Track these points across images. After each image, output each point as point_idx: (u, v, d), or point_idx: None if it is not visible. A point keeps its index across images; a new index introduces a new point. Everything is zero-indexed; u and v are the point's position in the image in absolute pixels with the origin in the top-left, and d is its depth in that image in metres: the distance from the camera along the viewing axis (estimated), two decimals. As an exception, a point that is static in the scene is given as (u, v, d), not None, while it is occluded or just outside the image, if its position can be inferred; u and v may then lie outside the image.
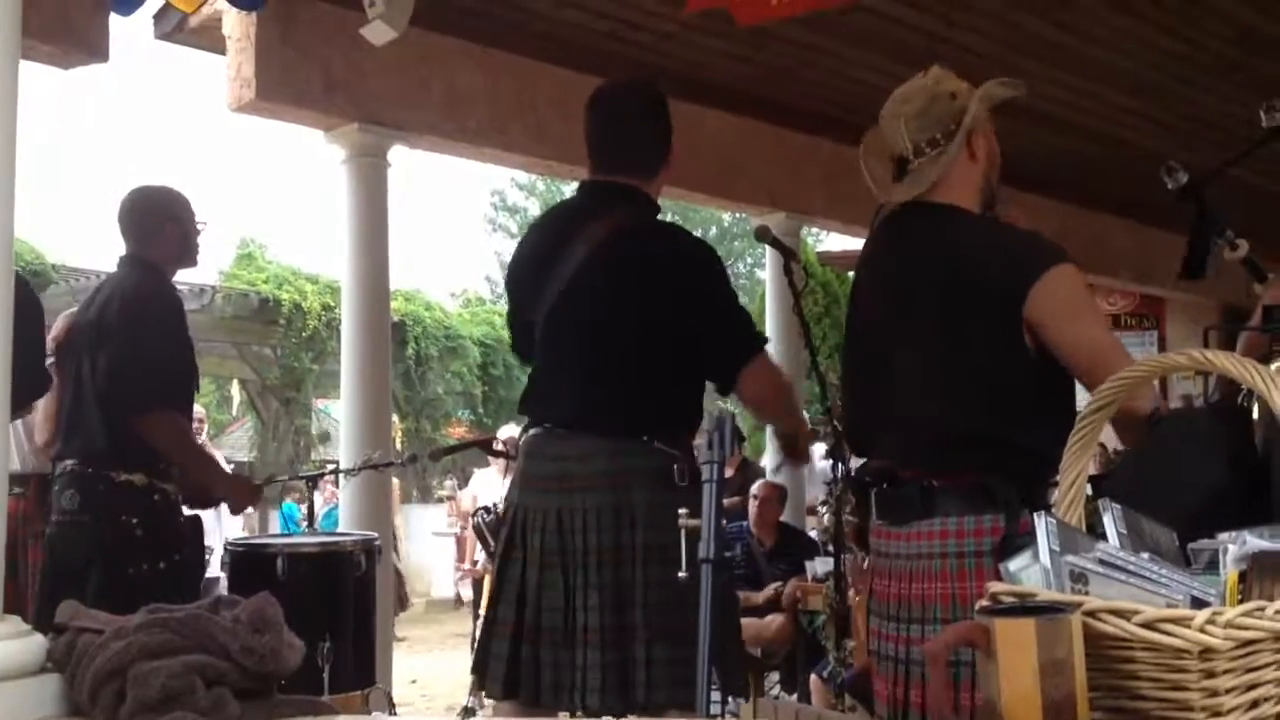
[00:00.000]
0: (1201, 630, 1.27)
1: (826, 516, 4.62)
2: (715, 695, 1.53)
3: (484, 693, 2.97)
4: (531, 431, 2.95)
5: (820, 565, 6.20)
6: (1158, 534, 1.59)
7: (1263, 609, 1.30)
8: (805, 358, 3.76)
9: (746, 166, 7.44)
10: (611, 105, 3.11)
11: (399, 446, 11.08)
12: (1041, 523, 1.48)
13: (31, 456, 4.38)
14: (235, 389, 18.38)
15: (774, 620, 6.27)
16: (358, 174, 6.02)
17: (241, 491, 4.17)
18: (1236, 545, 1.38)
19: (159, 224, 3.95)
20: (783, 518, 7.12)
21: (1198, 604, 1.34)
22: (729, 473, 8.72)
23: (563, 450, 2.86)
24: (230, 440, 21.91)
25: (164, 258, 4.03)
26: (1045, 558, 1.47)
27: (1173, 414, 2.00)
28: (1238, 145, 7.66)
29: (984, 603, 1.46)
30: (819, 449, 5.01)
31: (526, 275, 3.05)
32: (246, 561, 3.88)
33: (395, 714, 4.88)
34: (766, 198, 7.67)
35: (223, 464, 4.20)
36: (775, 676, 6.79)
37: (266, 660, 1.44)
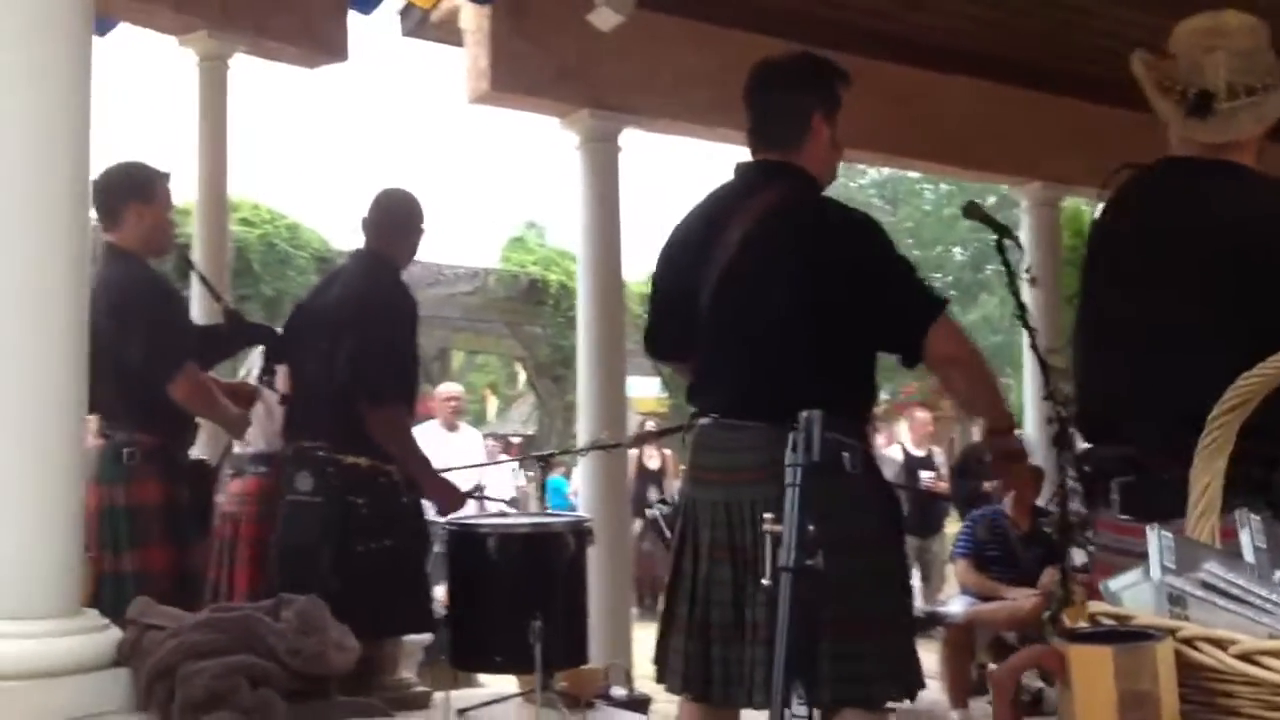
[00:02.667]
0: (1305, 666, 1.11)
1: (1053, 507, 4.34)
2: (801, 710, 1.45)
3: (664, 685, 2.95)
4: (699, 422, 2.90)
5: (1080, 556, 5.88)
6: (1309, 549, 1.41)
7: (1385, 644, 1.13)
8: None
9: (997, 134, 7.09)
10: (756, 82, 3.02)
11: (651, 425, 11.22)
12: (1154, 536, 1.33)
13: (277, 438, 4.65)
14: (519, 366, 19.13)
15: (1027, 600, 5.97)
16: (590, 158, 6.11)
17: (448, 497, 4.32)
18: (1361, 569, 1.20)
19: (410, 226, 4.16)
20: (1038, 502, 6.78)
21: (1307, 636, 1.17)
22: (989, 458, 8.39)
23: (728, 441, 2.79)
24: (516, 414, 22.84)
25: (402, 255, 4.23)
26: (1156, 575, 1.32)
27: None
28: None
29: (1081, 624, 1.33)
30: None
31: (683, 262, 2.99)
32: (461, 541, 3.98)
33: (633, 689, 4.96)
34: (1021, 166, 7.31)
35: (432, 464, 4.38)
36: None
37: (311, 662, 1.46)
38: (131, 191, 3.92)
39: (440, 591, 4.37)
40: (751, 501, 2.68)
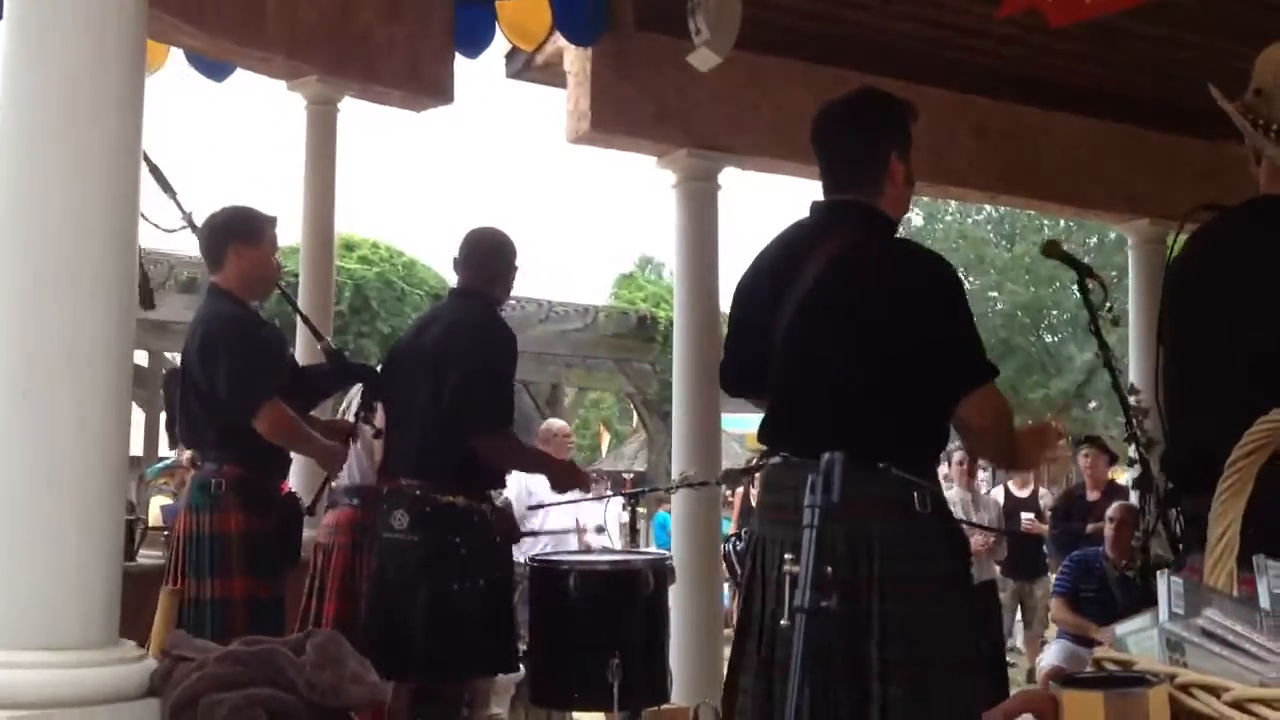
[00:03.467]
0: (1293, 716, 1.10)
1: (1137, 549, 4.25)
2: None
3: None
4: (770, 461, 2.92)
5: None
6: (1330, 597, 1.38)
7: (1379, 696, 1.11)
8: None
9: (1103, 171, 6.99)
10: (827, 123, 3.02)
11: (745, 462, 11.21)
12: (1164, 582, 1.33)
13: (371, 472, 4.78)
14: (631, 403, 19.25)
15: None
16: (688, 197, 6.17)
17: (567, 473, 4.46)
18: (1358, 619, 1.19)
19: (505, 264, 4.29)
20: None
21: (1300, 685, 1.16)
22: (1095, 496, 8.22)
23: (798, 479, 2.80)
24: (628, 450, 22.98)
25: (500, 291, 4.35)
26: (1163, 621, 1.32)
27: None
28: None
29: (1088, 670, 1.33)
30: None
31: (757, 299, 3.01)
32: (543, 578, 4.05)
33: (715, 728, 4.95)
34: (1126, 204, 7.18)
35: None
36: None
37: (328, 695, 1.51)
38: (233, 234, 4.06)
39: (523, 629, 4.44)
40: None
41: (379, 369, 4.60)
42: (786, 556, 1.71)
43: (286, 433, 3.94)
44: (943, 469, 7.55)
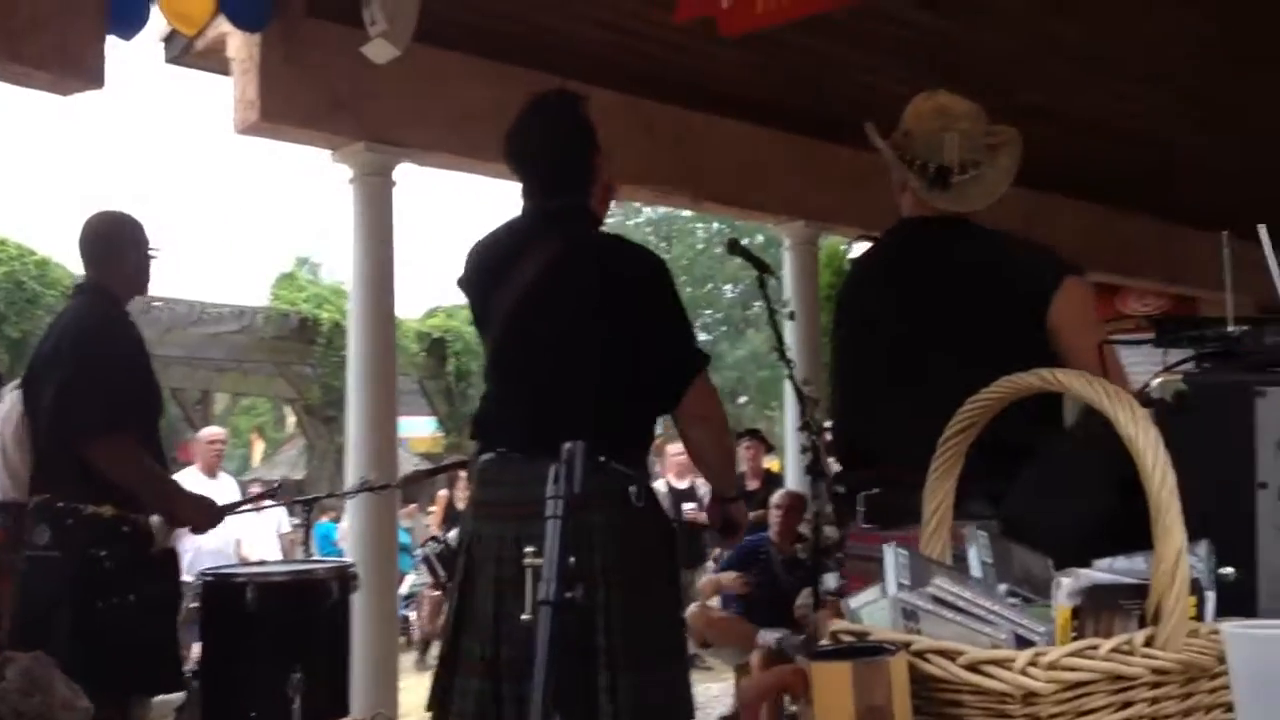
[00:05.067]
0: (1023, 672, 1.18)
1: (807, 532, 4.51)
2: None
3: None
4: (484, 457, 2.89)
5: (832, 580, 6.09)
6: (1030, 562, 1.49)
7: (1095, 648, 1.21)
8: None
9: (763, 175, 7.34)
10: (526, 133, 3.03)
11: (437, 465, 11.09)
12: (891, 554, 1.40)
13: (13, 488, 4.36)
14: (288, 409, 18.60)
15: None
16: (364, 193, 6.00)
17: (202, 513, 4.05)
18: (1071, 578, 1.29)
19: (120, 250, 3.93)
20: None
21: (1025, 643, 1.25)
22: (755, 486, 8.63)
23: (521, 475, 2.79)
24: (284, 458, 22.19)
25: (122, 284, 3.96)
26: (892, 592, 1.38)
27: (1069, 432, 1.92)
28: (1273, 145, 7.46)
29: (824, 642, 1.38)
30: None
31: (475, 295, 3.00)
32: (216, 592, 3.84)
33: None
34: (785, 206, 7.57)
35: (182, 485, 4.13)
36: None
37: None
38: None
39: (194, 649, 4.18)
40: (541, 535, 2.68)
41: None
42: (528, 550, 1.68)
43: None
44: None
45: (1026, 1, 5.89)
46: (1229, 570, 1.37)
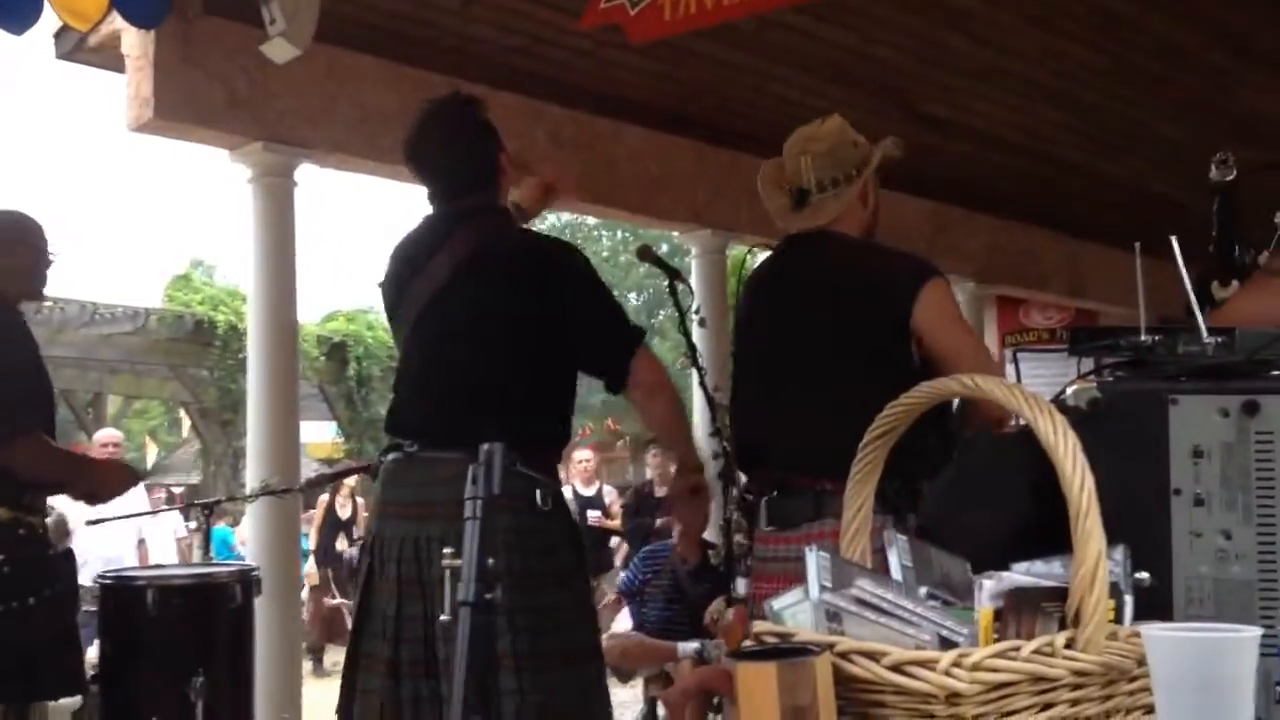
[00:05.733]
0: (947, 673, 1.19)
1: (717, 539, 4.52)
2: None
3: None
4: (390, 456, 2.87)
5: (743, 585, 6.10)
6: (949, 566, 1.51)
7: (1017, 649, 1.22)
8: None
9: (668, 183, 7.37)
10: (427, 138, 3.02)
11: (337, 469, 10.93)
12: (812, 557, 1.40)
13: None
14: (183, 412, 18.20)
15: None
16: (264, 193, 5.90)
17: (125, 477, 4.00)
18: (993, 580, 1.30)
19: (10, 248, 3.80)
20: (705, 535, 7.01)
21: (948, 645, 1.26)
22: (663, 492, 8.64)
23: (422, 475, 2.77)
24: (178, 462, 21.71)
25: (13, 283, 3.79)
26: (815, 594, 1.38)
27: (981, 436, 1.95)
28: (1166, 161, 7.70)
29: (747, 644, 1.38)
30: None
31: (390, 294, 2.98)
32: (115, 595, 3.74)
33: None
34: (690, 214, 7.60)
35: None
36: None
37: None
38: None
39: (91, 652, 4.07)
40: (442, 536, 2.66)
41: None
42: (446, 550, 1.66)
43: None
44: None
45: (921, 14, 5.99)
46: (1145, 575, 1.40)
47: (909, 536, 1.50)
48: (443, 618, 1.58)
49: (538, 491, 2.76)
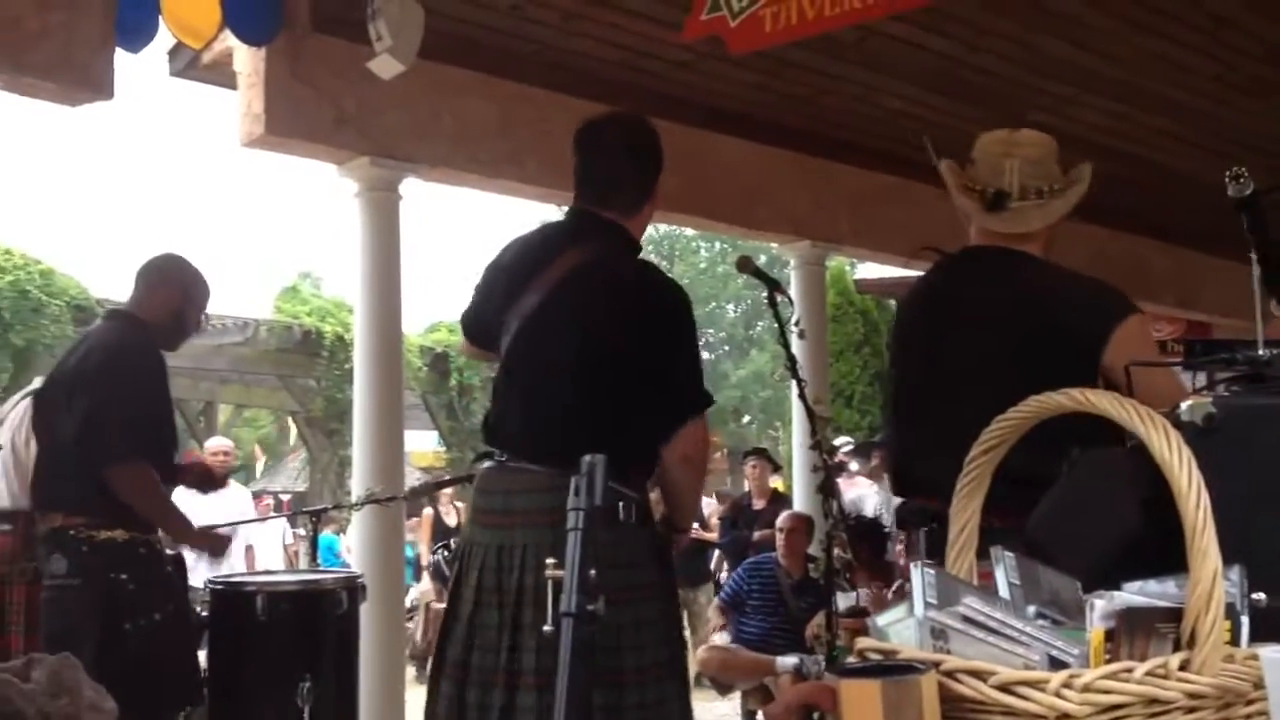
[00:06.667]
0: (1057, 694, 1.17)
1: (818, 553, 4.49)
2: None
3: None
4: (484, 465, 2.90)
5: (844, 600, 6.06)
6: (1058, 584, 1.48)
7: (1130, 671, 1.20)
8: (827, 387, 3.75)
9: (768, 194, 7.33)
10: (598, 142, 3.04)
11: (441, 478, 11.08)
12: (918, 573, 1.39)
13: (22, 495, 4.37)
14: (290, 421, 18.59)
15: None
16: (370, 207, 6.01)
17: (214, 544, 4.23)
18: (1105, 600, 1.28)
19: (159, 289, 3.98)
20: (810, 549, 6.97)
21: (1058, 665, 1.24)
22: (761, 505, 8.61)
23: (510, 484, 2.80)
24: (286, 470, 22.18)
25: (154, 320, 4.04)
26: (920, 611, 1.37)
27: (1092, 454, 1.91)
28: (1278, 168, 7.48)
29: (851, 660, 1.37)
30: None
31: (497, 296, 2.99)
32: (225, 601, 3.83)
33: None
34: (790, 225, 7.56)
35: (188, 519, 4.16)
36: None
37: None
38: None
39: (200, 656, 4.18)
40: (524, 545, 2.69)
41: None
42: (549, 561, 1.67)
43: None
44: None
45: (1024, 21, 5.90)
46: (1261, 595, 1.36)
47: (1017, 554, 1.47)
48: (546, 628, 1.59)
49: (620, 505, 2.75)
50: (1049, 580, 1.48)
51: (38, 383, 4.77)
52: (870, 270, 15.04)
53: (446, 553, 3.14)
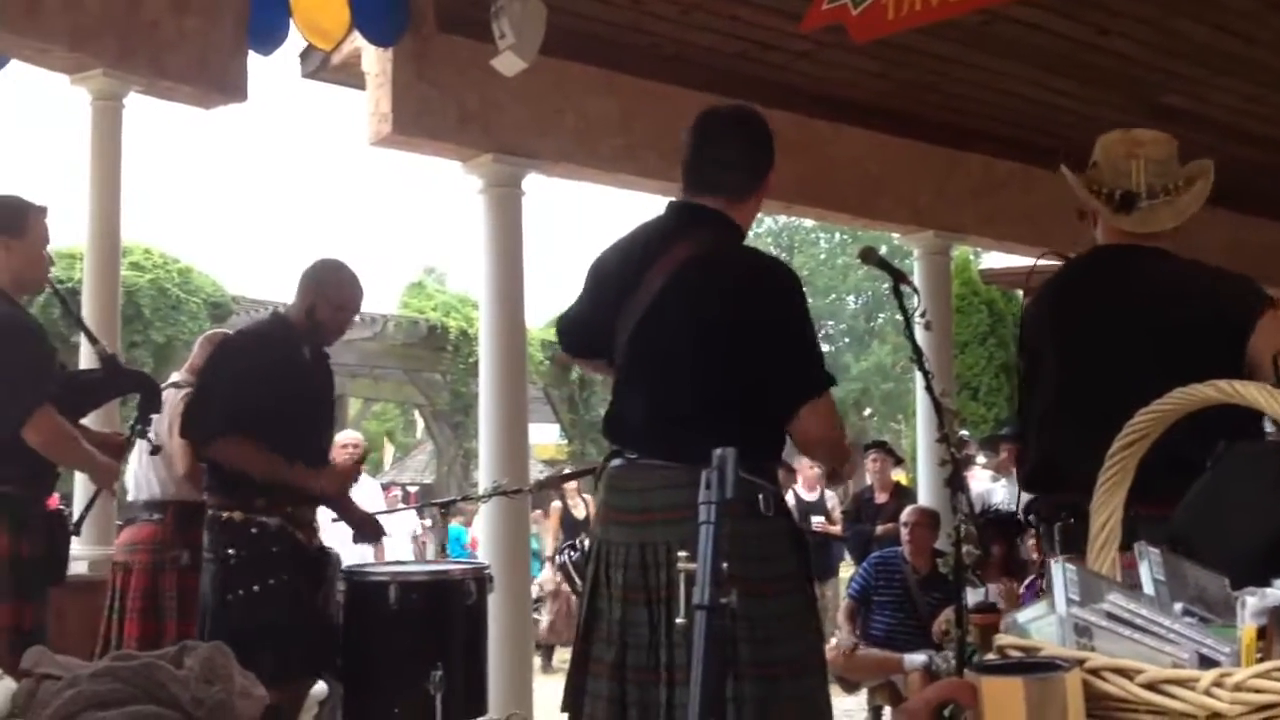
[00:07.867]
0: (1207, 693, 1.14)
1: (947, 548, 4.42)
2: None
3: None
4: (613, 463, 2.90)
5: (973, 596, 5.96)
6: (1205, 581, 1.45)
7: (1282, 670, 1.16)
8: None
9: (890, 184, 7.25)
10: (710, 128, 3.03)
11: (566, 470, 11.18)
12: (1059, 570, 1.36)
13: (171, 484, 4.54)
14: (417, 414, 18.95)
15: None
16: (494, 203, 6.10)
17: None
18: (1257, 597, 1.24)
19: (299, 289, 4.14)
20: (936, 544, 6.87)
21: (1207, 663, 1.21)
22: (884, 499, 8.51)
23: (645, 482, 2.79)
24: (413, 462, 22.61)
25: (295, 318, 4.19)
26: (1061, 608, 1.35)
27: (1239, 448, 1.84)
28: None
29: (990, 657, 1.35)
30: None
31: (608, 291, 2.99)
32: (358, 589, 3.93)
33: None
34: (912, 216, 7.46)
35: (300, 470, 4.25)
36: None
37: (215, 711, 1.41)
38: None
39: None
40: (666, 542, 2.68)
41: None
42: (681, 554, 1.68)
43: (60, 445, 3.55)
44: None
45: (1156, 2, 5.74)
46: None
47: (1162, 550, 1.44)
48: (679, 620, 1.60)
49: (760, 496, 2.75)
50: (1195, 577, 1.44)
51: (175, 376, 4.95)
52: (995, 260, 14.78)
53: (574, 553, 3.13)
